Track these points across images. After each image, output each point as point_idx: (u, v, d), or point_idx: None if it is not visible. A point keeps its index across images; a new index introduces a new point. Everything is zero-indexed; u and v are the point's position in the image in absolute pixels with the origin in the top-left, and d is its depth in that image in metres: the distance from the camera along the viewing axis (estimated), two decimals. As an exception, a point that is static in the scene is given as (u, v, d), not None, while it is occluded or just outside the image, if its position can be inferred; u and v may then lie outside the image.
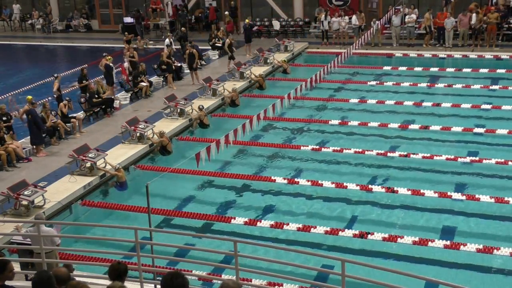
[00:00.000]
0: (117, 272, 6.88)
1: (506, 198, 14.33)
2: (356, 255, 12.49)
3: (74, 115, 19.92)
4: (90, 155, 16.34)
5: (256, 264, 11.54)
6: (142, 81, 22.95)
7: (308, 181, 15.84)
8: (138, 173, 17.01)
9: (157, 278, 11.06)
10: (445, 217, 14.13)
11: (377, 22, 27.87)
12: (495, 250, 12.41)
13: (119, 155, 17.32)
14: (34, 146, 17.90)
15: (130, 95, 22.76)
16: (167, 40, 26.31)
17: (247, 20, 28.68)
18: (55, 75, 21.34)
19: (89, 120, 20.64)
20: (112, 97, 21.86)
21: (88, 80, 21.86)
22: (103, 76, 22.61)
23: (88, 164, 16.20)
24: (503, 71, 24.29)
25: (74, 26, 36.55)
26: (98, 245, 13.52)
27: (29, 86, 24.01)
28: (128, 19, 33.33)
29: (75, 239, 13.59)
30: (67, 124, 19.17)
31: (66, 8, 37.90)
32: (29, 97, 18.31)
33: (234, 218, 14.18)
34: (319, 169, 16.98)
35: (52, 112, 19.02)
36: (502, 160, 16.30)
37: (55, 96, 20.67)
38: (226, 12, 31.19)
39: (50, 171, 16.64)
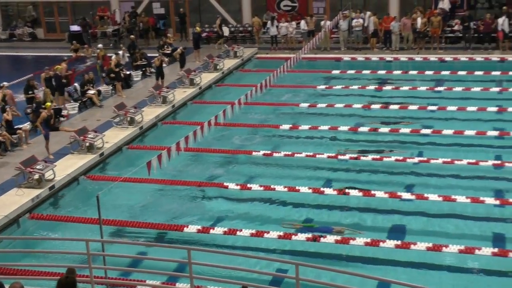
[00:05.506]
0: (66, 287, 6.77)
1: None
2: (309, 258, 12.60)
3: (20, 126, 19.45)
4: (38, 167, 15.99)
5: (210, 272, 11.49)
6: (88, 89, 22.60)
7: (260, 186, 15.91)
8: (88, 184, 16.73)
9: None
10: (397, 217, 14.40)
11: (327, 22, 28.25)
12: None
13: (68, 165, 17.01)
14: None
15: (78, 104, 22.38)
16: (121, 52, 26.05)
17: (196, 28, 28.61)
18: (1, 84, 20.83)
19: (35, 131, 20.18)
20: (62, 106, 21.49)
21: (35, 92, 21.40)
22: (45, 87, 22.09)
23: (36, 176, 15.85)
24: (447, 72, 24.96)
25: (18, 35, 35.68)
26: (49, 259, 13.21)
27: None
28: (75, 27, 32.80)
29: (24, 253, 13.25)
30: (13, 136, 18.70)
31: (10, 16, 37.00)
32: None
33: (187, 226, 14.09)
34: (271, 174, 17.07)
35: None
36: (449, 160, 16.72)
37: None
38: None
39: (-4, 184, 16.23)
